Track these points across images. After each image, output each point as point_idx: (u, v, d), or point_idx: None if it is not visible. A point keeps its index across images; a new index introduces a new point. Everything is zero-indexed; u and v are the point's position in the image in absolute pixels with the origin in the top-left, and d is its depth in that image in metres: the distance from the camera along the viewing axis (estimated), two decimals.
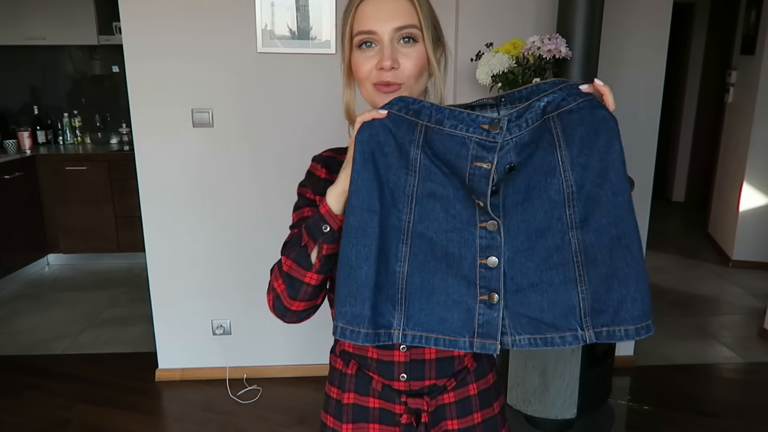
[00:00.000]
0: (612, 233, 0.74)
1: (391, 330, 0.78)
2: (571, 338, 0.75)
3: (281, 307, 0.88)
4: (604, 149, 0.74)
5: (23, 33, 4.09)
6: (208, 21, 2.40)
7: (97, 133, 4.56)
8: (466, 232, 0.77)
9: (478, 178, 0.74)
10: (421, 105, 0.77)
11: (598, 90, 0.76)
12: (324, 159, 0.97)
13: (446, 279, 0.78)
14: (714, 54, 5.26)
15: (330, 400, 1.01)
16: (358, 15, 0.86)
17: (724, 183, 4.41)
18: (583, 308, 0.74)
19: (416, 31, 0.85)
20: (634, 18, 2.45)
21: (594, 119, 0.73)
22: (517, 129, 0.74)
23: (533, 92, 0.77)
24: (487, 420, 0.99)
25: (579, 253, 0.75)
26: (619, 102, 2.68)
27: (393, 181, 0.78)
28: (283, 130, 2.51)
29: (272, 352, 2.75)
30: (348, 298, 0.77)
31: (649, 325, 0.73)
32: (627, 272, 0.73)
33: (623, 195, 0.74)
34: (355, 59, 0.88)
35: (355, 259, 0.77)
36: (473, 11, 2.39)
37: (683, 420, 2.45)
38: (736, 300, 3.64)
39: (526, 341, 0.76)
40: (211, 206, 2.59)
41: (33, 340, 3.17)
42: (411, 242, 0.78)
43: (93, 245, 4.26)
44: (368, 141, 0.77)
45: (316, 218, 0.84)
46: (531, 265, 0.76)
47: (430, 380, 0.95)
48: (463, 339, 0.78)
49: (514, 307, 0.76)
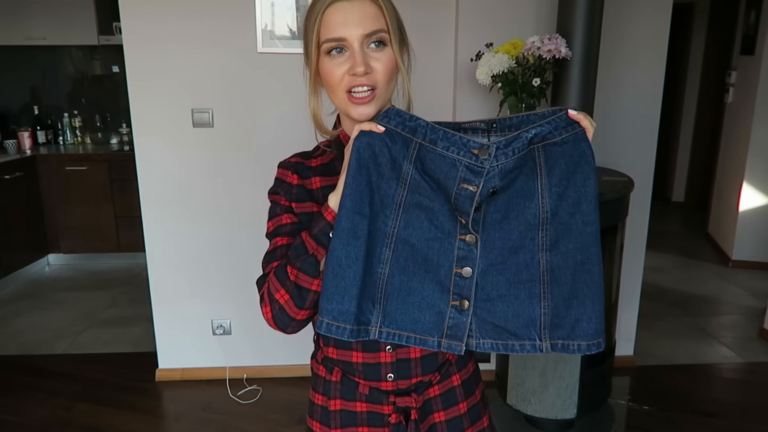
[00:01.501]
0: (577, 258, 0.81)
1: (369, 327, 0.84)
2: (530, 347, 0.83)
3: (285, 318, 0.87)
4: (580, 182, 0.81)
5: (23, 33, 4.10)
6: (208, 21, 2.40)
7: (97, 133, 4.56)
8: (446, 243, 0.83)
9: (463, 199, 0.80)
10: (417, 123, 0.82)
11: (576, 118, 0.81)
12: (293, 165, 0.96)
13: (423, 283, 0.84)
14: (714, 54, 5.26)
15: (315, 406, 1.01)
16: (324, 21, 0.84)
17: (724, 183, 4.41)
18: (544, 321, 0.82)
19: (385, 35, 0.86)
20: (634, 18, 2.45)
21: (575, 153, 0.81)
22: (504, 156, 0.80)
23: (523, 121, 0.83)
24: (472, 407, 1.02)
25: (546, 273, 0.82)
26: (619, 102, 2.68)
27: (383, 189, 0.82)
28: (283, 130, 2.51)
29: (272, 352, 2.75)
30: (335, 296, 0.81)
31: (600, 342, 0.81)
32: (586, 294, 0.81)
33: (592, 225, 0.81)
34: (325, 66, 0.87)
35: (345, 259, 0.81)
36: (473, 11, 2.39)
37: (683, 420, 2.45)
38: (735, 300, 3.64)
39: (488, 345, 0.84)
40: (211, 206, 2.59)
41: (33, 340, 3.17)
42: (394, 246, 0.83)
43: (93, 245, 4.26)
44: (365, 149, 0.81)
45: (322, 226, 0.84)
46: (502, 279, 0.83)
47: (416, 377, 0.96)
48: (432, 339, 0.84)
49: (482, 315, 0.84)
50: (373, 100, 0.86)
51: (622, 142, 2.55)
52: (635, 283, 2.75)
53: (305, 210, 0.93)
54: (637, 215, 2.59)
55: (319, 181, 0.94)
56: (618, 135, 2.55)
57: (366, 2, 0.85)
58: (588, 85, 2.08)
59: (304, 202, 0.93)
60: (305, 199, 0.93)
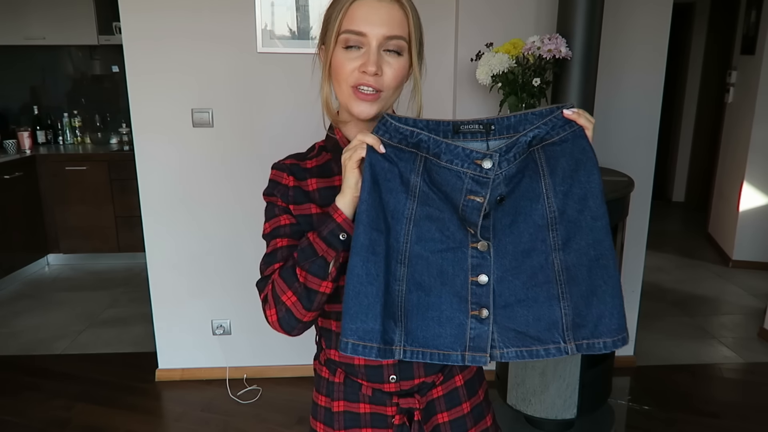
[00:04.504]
0: (591, 254, 0.80)
1: (393, 346, 0.82)
2: (555, 350, 0.81)
3: (292, 320, 0.86)
4: (584, 178, 0.81)
5: (23, 33, 4.10)
6: (208, 21, 2.40)
7: (97, 133, 4.56)
8: (459, 252, 0.83)
9: (471, 210, 0.80)
10: (419, 139, 0.81)
11: (571, 118, 0.80)
12: (288, 167, 0.95)
13: (440, 296, 0.83)
14: (714, 54, 5.26)
15: (318, 407, 1.01)
16: (349, 14, 0.84)
17: (724, 183, 4.41)
18: (566, 323, 0.81)
19: (404, 44, 0.86)
20: (634, 18, 2.45)
21: (575, 150, 0.81)
22: (506, 163, 0.80)
23: (521, 121, 0.82)
24: (475, 407, 1.01)
25: (561, 273, 0.81)
26: (619, 102, 2.68)
27: (393, 204, 0.82)
28: (283, 130, 2.51)
29: (272, 352, 2.75)
30: (359, 314, 0.80)
31: (625, 337, 0.81)
32: (605, 290, 0.80)
33: (601, 220, 0.81)
34: (338, 57, 0.86)
35: (366, 276, 0.80)
36: (473, 11, 2.39)
37: (683, 420, 2.45)
38: (736, 300, 3.64)
39: (513, 353, 0.82)
40: (211, 206, 2.59)
41: (33, 340, 3.17)
42: (408, 262, 0.83)
43: (93, 245, 4.26)
44: (376, 164, 0.81)
45: (332, 227, 0.83)
46: (518, 283, 0.82)
47: (419, 378, 0.95)
48: (456, 353, 0.83)
49: (503, 322, 0.82)
50: (376, 100, 0.86)
51: (622, 142, 2.55)
52: (635, 283, 2.75)
53: (303, 212, 0.92)
54: (637, 215, 2.59)
55: (316, 182, 0.94)
56: (618, 135, 2.55)
57: (395, 6, 0.85)
58: (588, 85, 2.07)
59: (301, 203, 0.92)
60: (303, 201, 0.93)
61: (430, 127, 0.82)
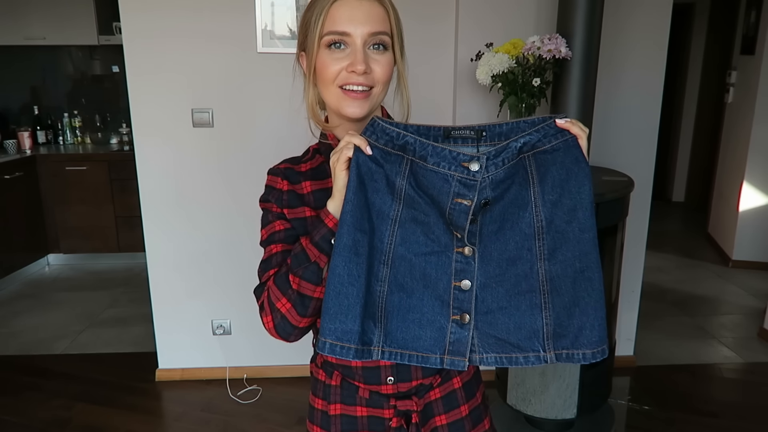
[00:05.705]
0: (576, 266, 0.80)
1: (371, 347, 0.82)
2: (534, 359, 0.81)
3: (288, 326, 0.86)
4: (575, 189, 0.80)
5: (23, 33, 4.10)
6: (208, 21, 2.40)
7: (97, 133, 4.56)
8: (443, 256, 0.82)
9: (458, 213, 0.79)
10: (405, 141, 0.80)
11: (564, 127, 0.79)
12: (283, 171, 0.95)
13: (422, 299, 0.82)
14: (714, 54, 5.25)
15: (315, 411, 1.00)
16: (330, 15, 0.84)
17: (724, 183, 4.41)
18: (546, 332, 0.81)
19: (387, 39, 0.86)
20: (634, 18, 2.45)
21: (567, 160, 0.80)
22: (494, 167, 0.79)
23: (513, 129, 0.82)
24: (473, 410, 1.01)
25: (545, 282, 0.81)
26: (619, 102, 2.68)
27: (378, 205, 0.81)
28: (283, 130, 2.51)
29: (272, 352, 2.75)
30: (338, 315, 0.79)
31: (604, 350, 0.81)
32: (587, 302, 0.80)
33: (589, 232, 0.80)
34: (322, 59, 0.86)
35: (348, 277, 0.79)
36: (473, 11, 2.39)
37: (683, 420, 2.45)
38: (735, 300, 3.64)
39: (492, 359, 0.82)
40: (211, 206, 2.59)
41: (33, 340, 3.17)
42: (391, 263, 0.82)
43: (93, 245, 4.26)
44: (362, 165, 0.80)
45: (324, 233, 0.83)
46: (501, 291, 0.82)
47: (417, 380, 0.95)
48: (435, 356, 0.83)
49: (484, 328, 0.82)
50: (366, 98, 0.86)
51: (622, 142, 2.55)
52: (635, 283, 2.75)
53: (297, 215, 0.92)
54: (637, 215, 2.59)
55: (310, 185, 0.94)
56: (618, 135, 2.55)
57: (375, 3, 0.85)
58: (588, 85, 2.07)
59: (295, 207, 0.92)
60: (297, 205, 0.92)
61: (420, 131, 0.82)
